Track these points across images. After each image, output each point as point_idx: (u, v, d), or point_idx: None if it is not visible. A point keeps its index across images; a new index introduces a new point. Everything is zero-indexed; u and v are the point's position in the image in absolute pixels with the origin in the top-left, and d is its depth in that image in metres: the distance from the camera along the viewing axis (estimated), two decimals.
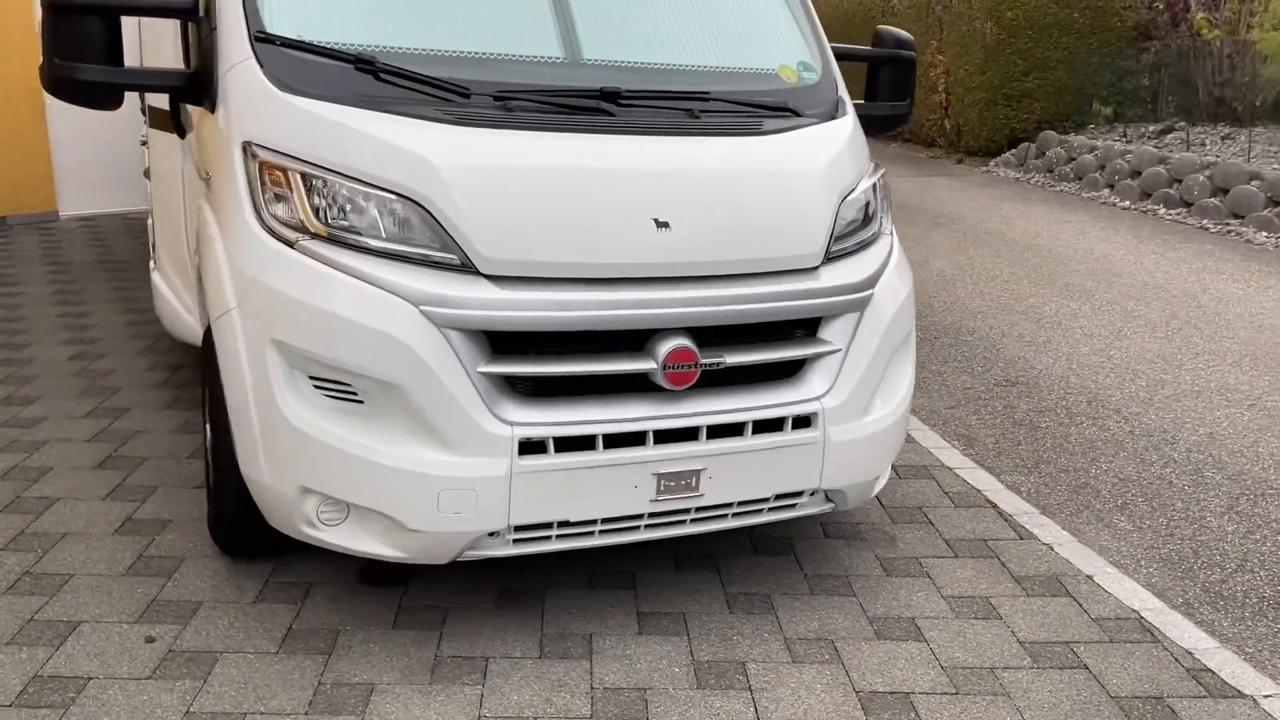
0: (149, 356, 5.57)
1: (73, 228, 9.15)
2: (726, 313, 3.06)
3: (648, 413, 2.99)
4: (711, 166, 3.23)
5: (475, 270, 2.87)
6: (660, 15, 3.78)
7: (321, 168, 2.95)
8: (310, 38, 3.19)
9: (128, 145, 9.20)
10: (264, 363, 2.90)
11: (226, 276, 3.02)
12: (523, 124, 3.10)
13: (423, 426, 2.82)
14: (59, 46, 3.23)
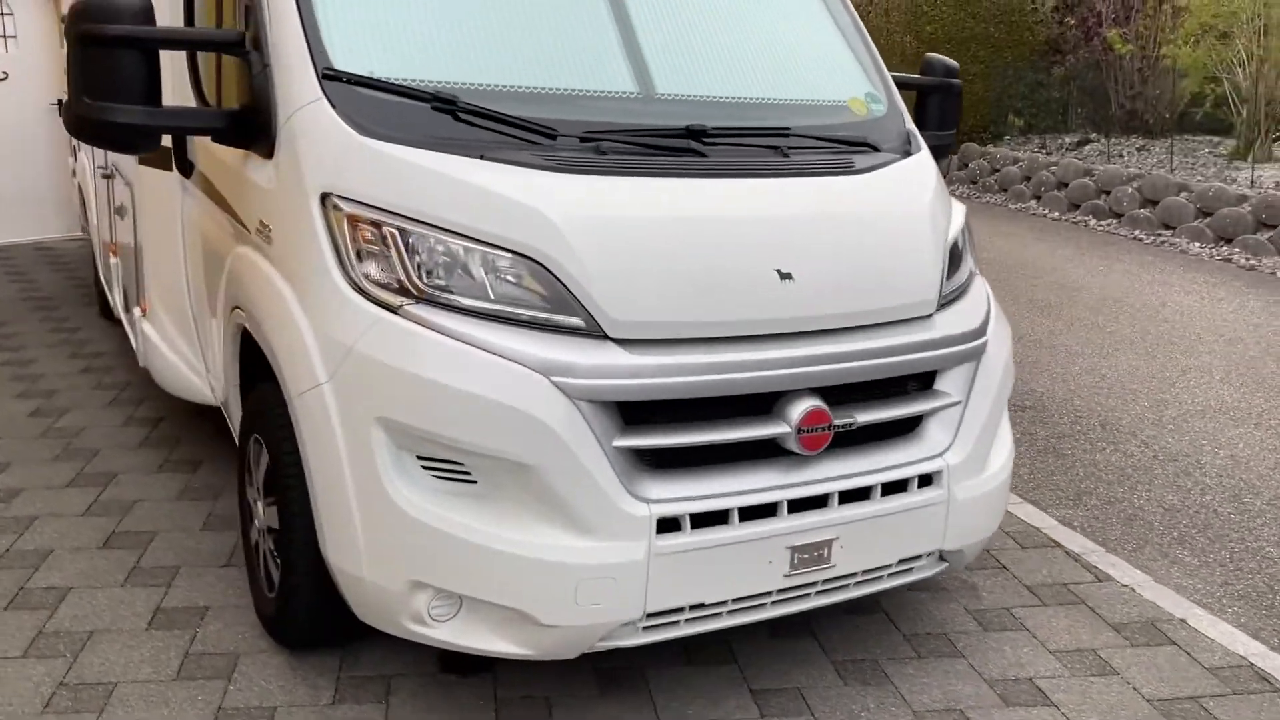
0: (119, 410, 5.08)
1: None
2: (860, 368, 2.86)
3: (778, 480, 2.77)
4: (825, 211, 3.03)
5: (603, 334, 2.61)
6: (726, 47, 3.57)
7: (422, 222, 2.64)
8: (380, 74, 2.88)
9: (36, 170, 8.56)
10: (368, 444, 2.57)
11: (312, 346, 2.68)
12: (628, 169, 2.85)
13: (554, 509, 2.54)
14: (90, 84, 2.84)
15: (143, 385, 5.37)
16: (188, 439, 4.74)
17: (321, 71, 2.86)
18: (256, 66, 2.99)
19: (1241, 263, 9.66)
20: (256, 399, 3.17)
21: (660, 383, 2.59)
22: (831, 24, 3.81)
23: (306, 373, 2.68)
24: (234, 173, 3.25)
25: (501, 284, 2.62)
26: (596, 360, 2.55)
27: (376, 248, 2.65)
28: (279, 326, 2.82)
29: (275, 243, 2.91)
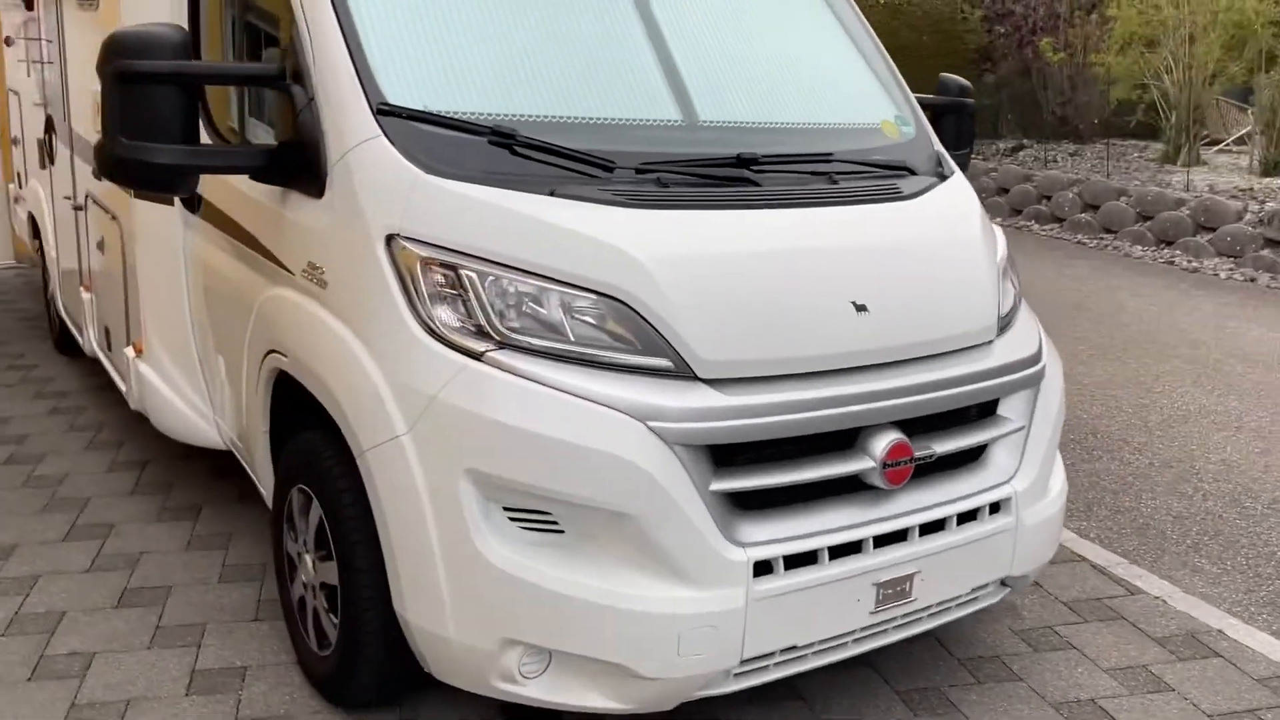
0: (100, 454, 4.83)
1: None
2: (939, 399, 2.83)
3: (862, 516, 2.72)
4: (890, 239, 3.00)
5: (692, 375, 2.53)
6: (758, 70, 3.54)
7: (501, 264, 2.54)
8: (434, 108, 2.78)
9: None
10: (455, 497, 2.45)
11: (386, 396, 2.55)
12: (697, 201, 2.79)
13: (651, 558, 2.45)
14: (128, 123, 2.69)
15: (120, 426, 5.13)
16: (182, 483, 4.52)
17: (376, 106, 2.74)
18: (300, 101, 2.86)
19: (1184, 265, 9.96)
20: (302, 449, 3.02)
21: (756, 423, 2.52)
22: (853, 46, 3.80)
23: (381, 424, 2.55)
24: (268, 211, 3.10)
25: (586, 326, 2.53)
26: (691, 403, 2.48)
27: (453, 291, 2.55)
28: (342, 375, 2.68)
29: (332, 286, 2.78)
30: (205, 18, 3.62)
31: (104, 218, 4.41)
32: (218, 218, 3.52)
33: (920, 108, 3.89)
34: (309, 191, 2.87)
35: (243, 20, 3.34)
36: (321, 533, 2.92)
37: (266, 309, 3.15)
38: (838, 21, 3.84)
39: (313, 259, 2.86)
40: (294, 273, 2.97)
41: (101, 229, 4.48)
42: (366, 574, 2.72)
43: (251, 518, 4.20)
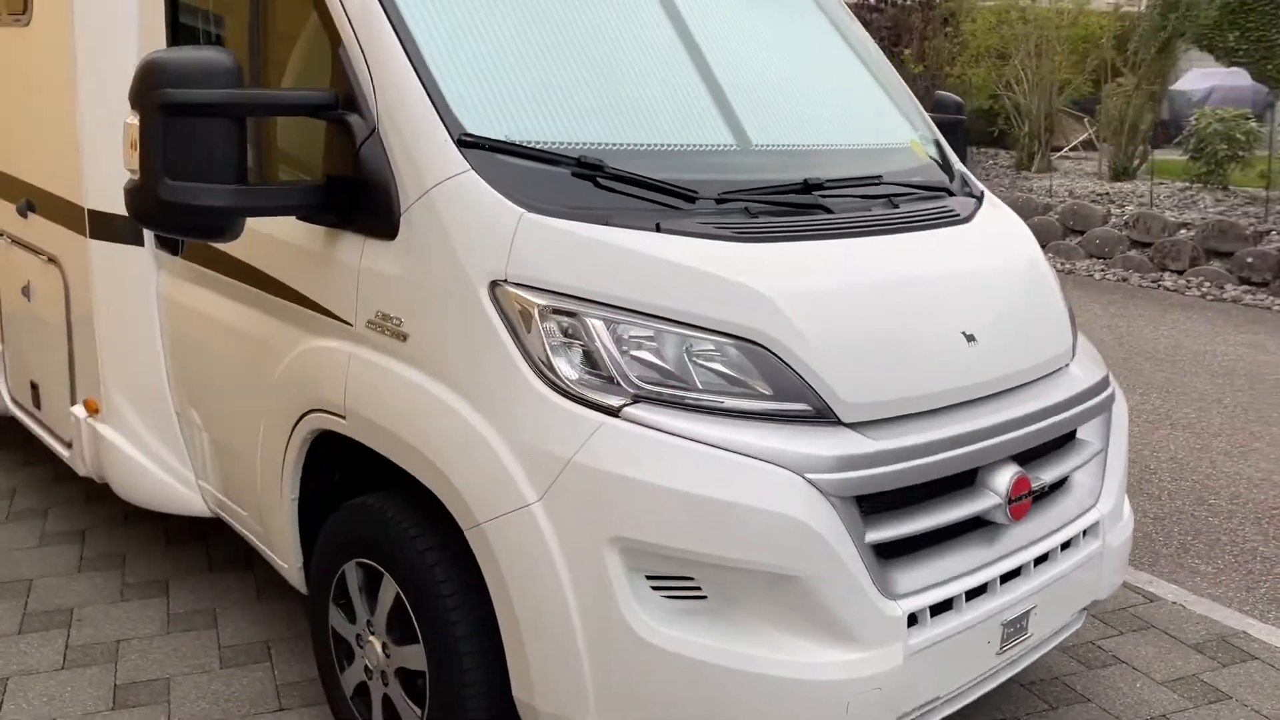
0: (27, 526, 4.26)
1: None
2: (1048, 427, 2.76)
3: (987, 555, 2.62)
4: (976, 265, 2.93)
5: (835, 419, 2.38)
6: (794, 92, 3.42)
7: (625, 309, 2.32)
8: (514, 138, 2.53)
9: None
10: (600, 569, 2.21)
11: (508, 460, 2.28)
12: (793, 232, 2.63)
13: (809, 620, 2.28)
14: (175, 162, 2.33)
15: (38, 490, 4.55)
16: (137, 554, 4.03)
17: (458, 138, 2.47)
18: (360, 132, 2.54)
19: (1059, 267, 10.44)
20: (362, 518, 2.69)
21: (906, 468, 2.38)
22: (865, 67, 3.73)
23: (504, 492, 2.28)
24: (305, 253, 2.76)
25: (721, 372, 2.33)
26: (843, 450, 2.32)
27: (577, 341, 2.31)
28: (440, 438, 2.39)
29: (415, 339, 2.48)
30: (183, 34, 3.23)
31: (32, 260, 3.89)
32: (214, 259, 3.13)
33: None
34: (375, 233, 2.56)
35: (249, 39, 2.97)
36: (400, 613, 2.61)
37: (306, 363, 2.80)
38: (847, 41, 3.77)
39: (384, 309, 2.55)
40: (352, 323, 2.64)
41: (27, 273, 3.95)
42: (472, 657, 2.44)
43: (232, 590, 3.78)
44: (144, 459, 3.55)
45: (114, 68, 3.32)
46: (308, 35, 2.78)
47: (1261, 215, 9.71)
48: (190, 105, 2.34)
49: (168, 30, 3.23)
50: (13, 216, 3.98)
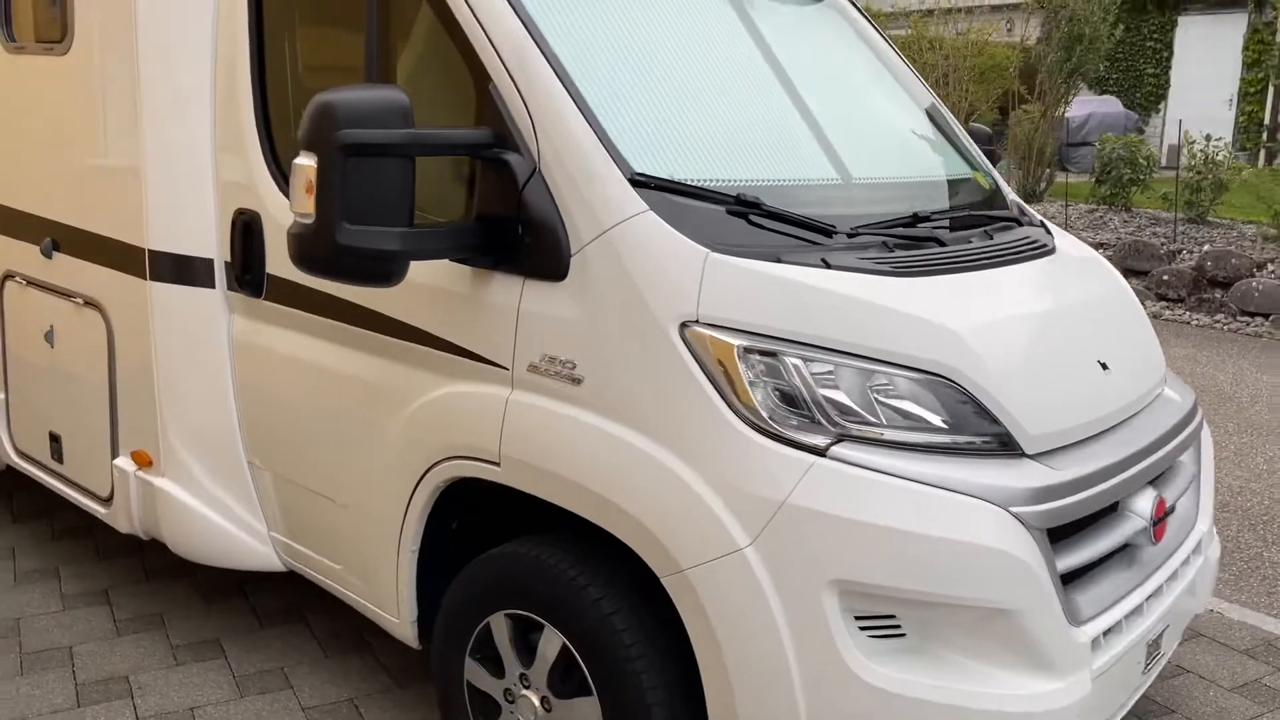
0: (42, 588, 3.93)
1: None
2: (1172, 451, 2.86)
3: (1135, 577, 2.70)
4: (1089, 295, 3.03)
5: (1020, 451, 2.41)
6: (872, 126, 3.50)
7: (822, 348, 2.31)
8: (677, 176, 2.51)
9: None
10: (819, 612, 2.19)
11: (714, 503, 2.24)
12: (935, 265, 2.67)
13: (1012, 651, 2.29)
14: (355, 206, 2.23)
15: (40, 550, 4.24)
16: (175, 613, 3.77)
17: (630, 178, 2.42)
18: (521, 173, 2.47)
19: None
20: (513, 567, 2.60)
21: (1088, 496, 2.43)
22: (913, 99, 3.82)
23: (711, 536, 2.23)
24: (447, 296, 2.64)
25: (913, 407, 2.34)
26: (1037, 482, 2.35)
27: (778, 380, 2.28)
28: (631, 482, 2.32)
29: (592, 382, 2.40)
30: (271, 67, 3.08)
31: (59, 304, 3.62)
32: (313, 301, 2.97)
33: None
34: (539, 275, 2.48)
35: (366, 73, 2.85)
36: (565, 665, 2.52)
37: (441, 409, 2.69)
38: (891, 73, 3.84)
39: (552, 352, 2.47)
40: (508, 367, 2.55)
41: (50, 318, 3.68)
42: (660, 708, 2.38)
43: (293, 647, 3.58)
44: (208, 511, 3.34)
45: (182, 99, 3.15)
46: (442, 71, 2.68)
47: (1170, 235, 10.29)
48: (369, 146, 2.23)
49: (252, 63, 3.06)
50: (30, 257, 3.72)
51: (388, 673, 3.45)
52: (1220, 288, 9.35)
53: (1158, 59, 18.56)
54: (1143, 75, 18.75)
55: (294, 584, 3.62)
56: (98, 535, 4.36)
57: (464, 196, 2.62)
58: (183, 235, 3.20)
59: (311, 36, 3.09)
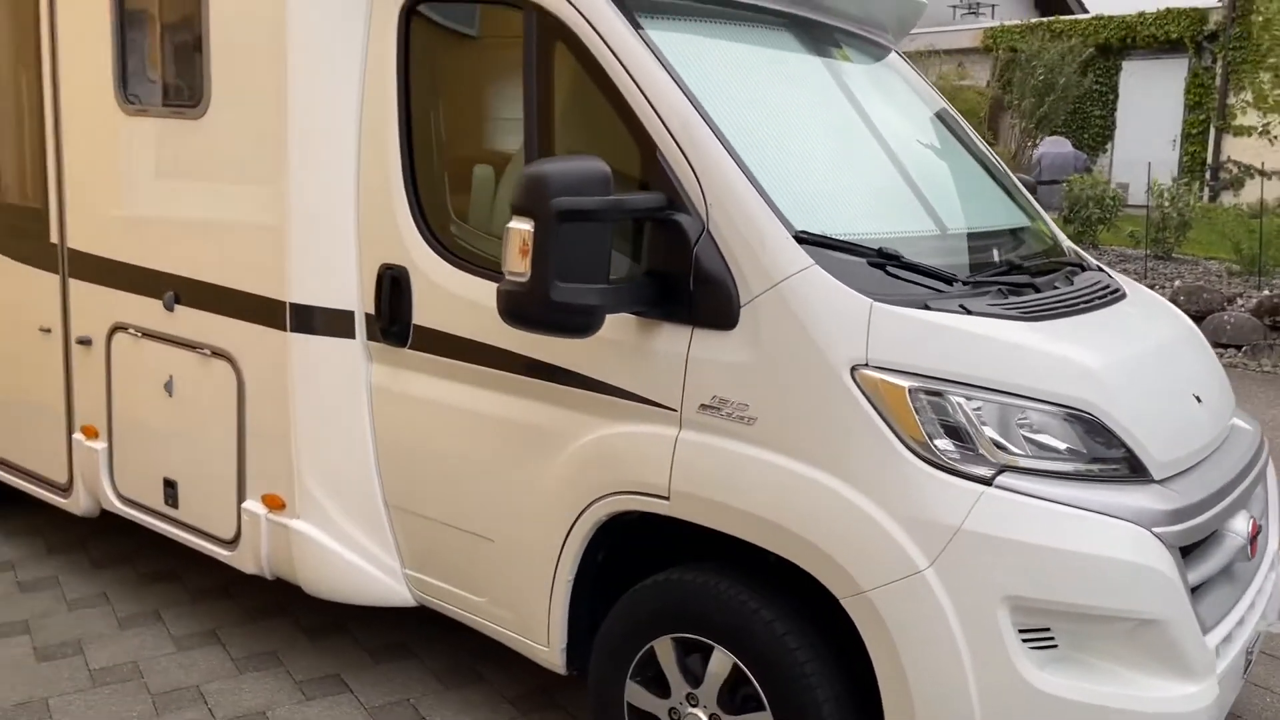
0: (152, 630, 4.04)
1: None
2: (1258, 475, 3.16)
3: (1237, 591, 2.98)
4: (1172, 335, 3.33)
5: (1150, 477, 2.68)
6: (953, 181, 3.80)
7: (980, 387, 2.57)
8: (831, 233, 2.77)
9: None
10: (994, 626, 2.43)
11: (893, 530, 2.48)
12: (1052, 310, 2.95)
13: (1156, 658, 2.55)
14: (565, 266, 2.47)
15: (134, 594, 4.33)
16: (288, 649, 3.91)
17: (796, 236, 2.68)
18: (692, 232, 2.71)
19: None
20: (681, 594, 2.81)
21: (1211, 516, 2.72)
22: (971, 152, 4.13)
23: (892, 560, 2.47)
24: (612, 344, 2.85)
25: (1061, 440, 2.60)
26: (1170, 504, 2.62)
27: (944, 417, 2.53)
28: (808, 513, 2.55)
29: (765, 422, 2.63)
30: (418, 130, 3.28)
31: (182, 355, 3.76)
32: (464, 349, 3.17)
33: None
34: (709, 324, 2.71)
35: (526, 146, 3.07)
36: (735, 684, 2.73)
37: (606, 448, 2.89)
38: (948, 126, 4.15)
39: (723, 394, 2.69)
40: (676, 409, 2.77)
41: (170, 368, 3.82)
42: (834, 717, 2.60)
43: (415, 679, 3.74)
44: (343, 551, 3.49)
45: (327, 160, 3.34)
46: (605, 139, 2.90)
47: (1140, 272, 10.80)
48: (579, 212, 2.46)
49: (400, 126, 3.27)
50: (145, 310, 3.86)
51: (511, 704, 3.61)
52: (1195, 321, 9.84)
53: (1104, 101, 19.37)
54: (1090, 117, 19.54)
55: (393, 621, 3.79)
56: (186, 579, 4.46)
57: (636, 254, 2.84)
58: (324, 289, 3.38)
59: (462, 103, 3.31)
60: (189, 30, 3.57)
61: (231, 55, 3.45)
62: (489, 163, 3.32)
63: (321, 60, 3.30)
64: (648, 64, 2.85)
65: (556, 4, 2.94)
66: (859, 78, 3.73)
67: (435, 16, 3.28)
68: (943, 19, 27.02)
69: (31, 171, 4.28)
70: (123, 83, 3.83)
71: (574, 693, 3.63)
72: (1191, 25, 17.68)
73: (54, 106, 4.09)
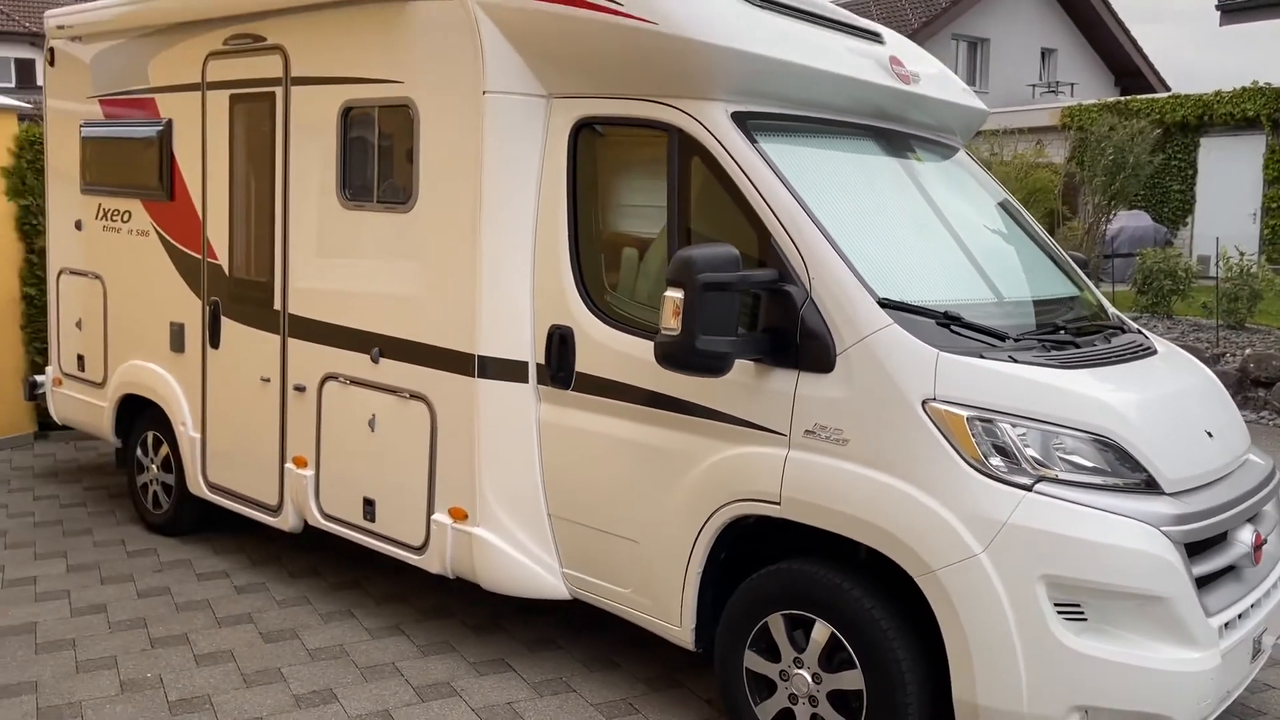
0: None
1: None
2: (1264, 496, 3.87)
3: (1243, 589, 3.67)
4: (1190, 383, 4.08)
5: (1161, 491, 3.43)
6: (1010, 258, 4.61)
7: (1023, 417, 3.37)
8: (900, 299, 3.60)
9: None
10: (1033, 598, 3.20)
11: (955, 524, 3.27)
12: (1084, 361, 3.74)
13: (1168, 630, 3.27)
14: (708, 323, 3.36)
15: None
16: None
17: (879, 301, 3.53)
18: (799, 299, 3.58)
19: None
20: (789, 579, 3.63)
21: (1211, 523, 3.45)
22: (1027, 233, 4.93)
23: (954, 547, 3.27)
24: (735, 385, 3.71)
25: (1086, 458, 3.38)
26: (1176, 510, 3.37)
27: (994, 440, 3.33)
28: (891, 511, 3.37)
29: (857, 442, 3.47)
30: (583, 221, 4.24)
31: (383, 398, 4.71)
32: (617, 390, 4.06)
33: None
34: (811, 368, 3.56)
35: (669, 236, 4.00)
36: (833, 647, 3.53)
37: (728, 466, 3.75)
38: (1009, 212, 4.96)
39: (823, 421, 3.54)
40: (785, 433, 3.62)
41: (372, 408, 4.78)
42: (911, 674, 3.38)
43: (564, 667, 4.57)
44: (515, 553, 4.38)
45: (510, 244, 4.30)
46: (730, 225, 3.80)
47: (1212, 340, 11.32)
48: (716, 284, 3.35)
49: (569, 218, 4.22)
50: (353, 362, 4.84)
51: (644, 683, 4.42)
52: (1263, 387, 10.36)
53: (1183, 176, 19.85)
54: (1169, 191, 20.02)
55: (542, 621, 4.60)
56: (369, 587, 5.39)
57: (756, 315, 3.71)
58: (505, 344, 4.32)
59: (615, 199, 4.26)
60: (402, 149, 4.59)
61: (437, 166, 4.46)
62: (635, 247, 4.25)
63: (508, 170, 4.28)
64: (762, 171, 3.76)
65: (694, 127, 3.88)
66: (930, 173, 4.60)
67: (597, 133, 4.25)
68: (1023, 98, 27.87)
69: (258, 253, 5.35)
70: (344, 186, 4.87)
71: (694, 674, 4.43)
72: (1268, 103, 18.18)
73: (283, 204, 5.15)
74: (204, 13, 5.51)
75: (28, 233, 8.25)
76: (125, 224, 6.22)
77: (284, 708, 4.15)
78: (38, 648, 4.64)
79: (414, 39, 4.51)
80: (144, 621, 4.95)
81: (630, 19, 3.91)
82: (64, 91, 6.65)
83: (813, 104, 4.23)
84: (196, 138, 5.66)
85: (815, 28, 4.44)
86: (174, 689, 4.28)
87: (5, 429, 8.23)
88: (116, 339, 6.39)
